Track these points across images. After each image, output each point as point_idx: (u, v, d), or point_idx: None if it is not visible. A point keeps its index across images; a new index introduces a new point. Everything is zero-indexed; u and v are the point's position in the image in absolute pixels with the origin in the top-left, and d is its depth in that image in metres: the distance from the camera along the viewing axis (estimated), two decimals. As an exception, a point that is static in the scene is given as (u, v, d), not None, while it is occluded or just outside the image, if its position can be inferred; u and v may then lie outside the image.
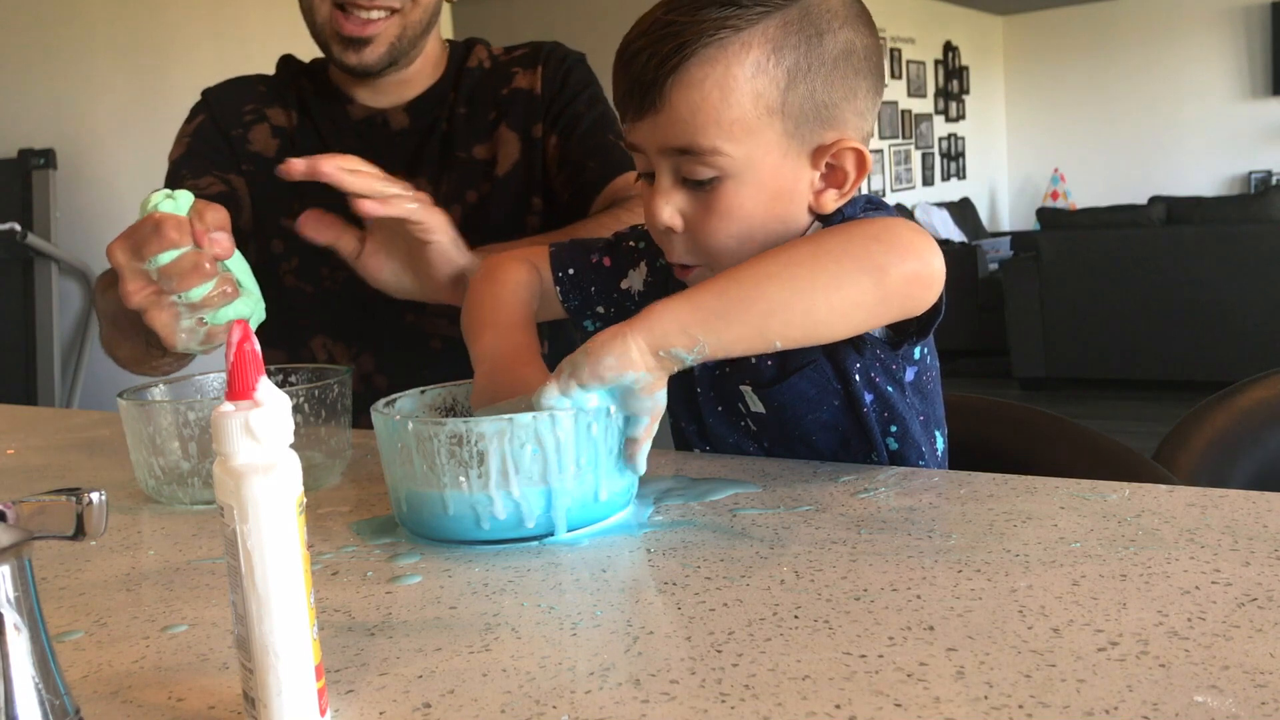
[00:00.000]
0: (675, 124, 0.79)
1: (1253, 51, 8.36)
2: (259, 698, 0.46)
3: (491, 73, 1.36)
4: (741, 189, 0.81)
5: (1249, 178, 8.39)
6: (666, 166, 0.82)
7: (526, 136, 1.32)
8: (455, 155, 1.31)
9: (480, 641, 0.55)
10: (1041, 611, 0.54)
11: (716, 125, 0.78)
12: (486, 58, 1.38)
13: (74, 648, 0.59)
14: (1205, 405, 1.12)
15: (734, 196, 0.81)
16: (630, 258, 0.98)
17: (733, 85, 0.78)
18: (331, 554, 0.72)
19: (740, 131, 0.79)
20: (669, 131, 0.80)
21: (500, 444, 0.68)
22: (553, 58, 1.36)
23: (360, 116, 1.33)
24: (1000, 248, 7.09)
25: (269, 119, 1.34)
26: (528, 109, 1.33)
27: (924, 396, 0.89)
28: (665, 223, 0.83)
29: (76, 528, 0.44)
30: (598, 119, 1.33)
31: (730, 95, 0.78)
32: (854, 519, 0.71)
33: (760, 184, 0.81)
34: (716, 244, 0.83)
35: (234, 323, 0.46)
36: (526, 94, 1.34)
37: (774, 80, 0.78)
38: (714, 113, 0.78)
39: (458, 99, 1.34)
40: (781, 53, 0.78)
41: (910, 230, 0.74)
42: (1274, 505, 0.67)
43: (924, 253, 0.73)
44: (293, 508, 0.46)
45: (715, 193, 0.81)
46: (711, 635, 0.54)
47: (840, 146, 0.82)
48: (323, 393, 0.90)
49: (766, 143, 0.80)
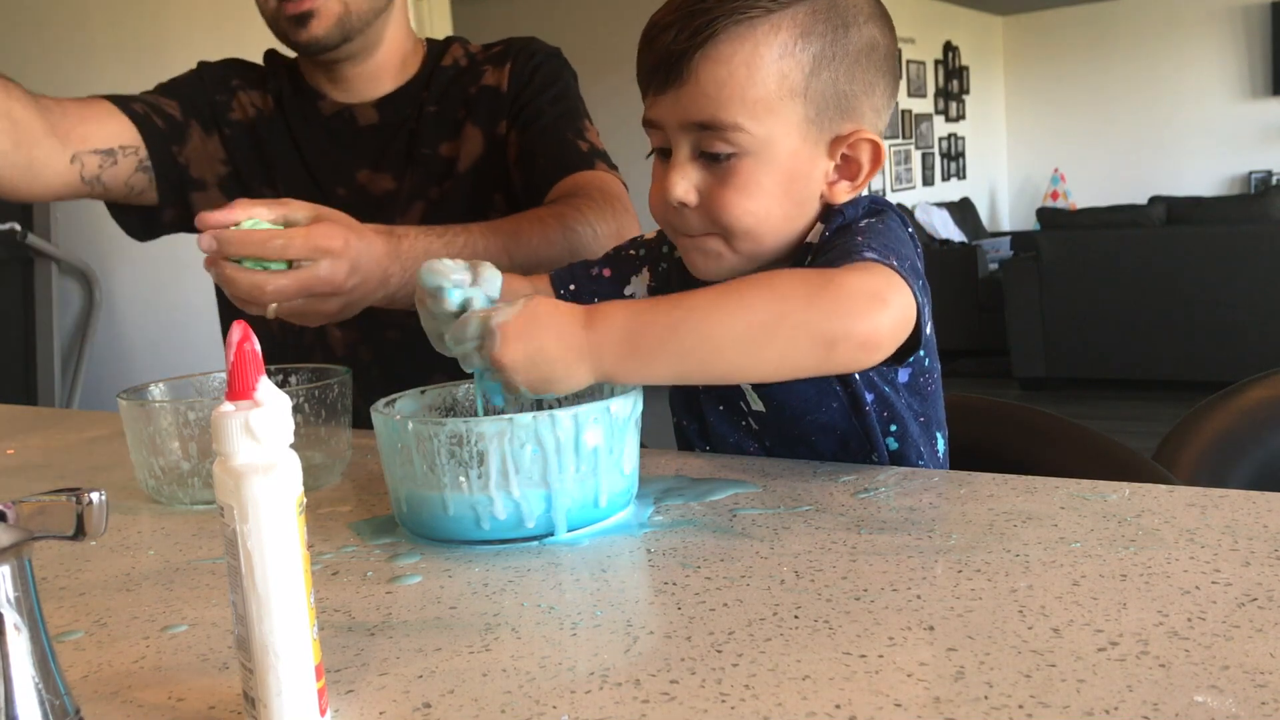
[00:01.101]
0: (700, 98, 0.80)
1: (1253, 51, 8.35)
2: (259, 698, 0.46)
3: (465, 71, 1.37)
4: (759, 167, 0.82)
5: (1249, 178, 8.39)
6: (685, 142, 0.83)
7: (490, 133, 1.32)
8: (420, 152, 1.31)
9: (480, 641, 0.55)
10: (1041, 611, 0.54)
11: (740, 102, 0.80)
12: (462, 55, 1.38)
13: (74, 648, 0.59)
14: (1205, 405, 1.12)
15: (751, 174, 0.82)
16: (631, 266, 0.98)
17: (759, 64, 0.79)
18: (331, 554, 0.72)
19: (763, 110, 0.80)
20: (693, 106, 0.81)
21: (500, 444, 0.68)
22: (522, 54, 1.36)
23: (330, 112, 1.34)
24: (1000, 248, 7.09)
25: (250, 97, 1.36)
26: (493, 106, 1.33)
27: (923, 398, 0.89)
28: (679, 198, 0.83)
29: (76, 528, 0.44)
30: (559, 116, 1.32)
31: (756, 74, 0.79)
32: (854, 519, 0.71)
33: (777, 165, 0.82)
34: (731, 219, 0.83)
35: (234, 323, 0.47)
36: (493, 91, 1.34)
37: (799, 64, 0.80)
38: (739, 89, 0.79)
39: (429, 97, 1.34)
40: (809, 39, 0.80)
41: (868, 292, 0.71)
42: (1274, 505, 0.67)
43: (877, 318, 0.70)
44: (293, 508, 0.46)
45: (733, 169, 0.82)
46: (711, 635, 0.54)
47: (857, 137, 0.83)
48: (323, 393, 0.90)
49: (787, 124, 0.81)
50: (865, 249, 0.75)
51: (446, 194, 1.30)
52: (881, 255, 0.74)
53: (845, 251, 0.76)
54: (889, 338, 0.71)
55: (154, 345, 3.51)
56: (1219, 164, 8.52)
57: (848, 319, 0.70)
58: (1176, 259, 5.07)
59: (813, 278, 0.72)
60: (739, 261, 0.86)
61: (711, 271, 0.86)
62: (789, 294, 0.71)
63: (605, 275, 0.98)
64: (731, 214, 0.83)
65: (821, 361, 0.71)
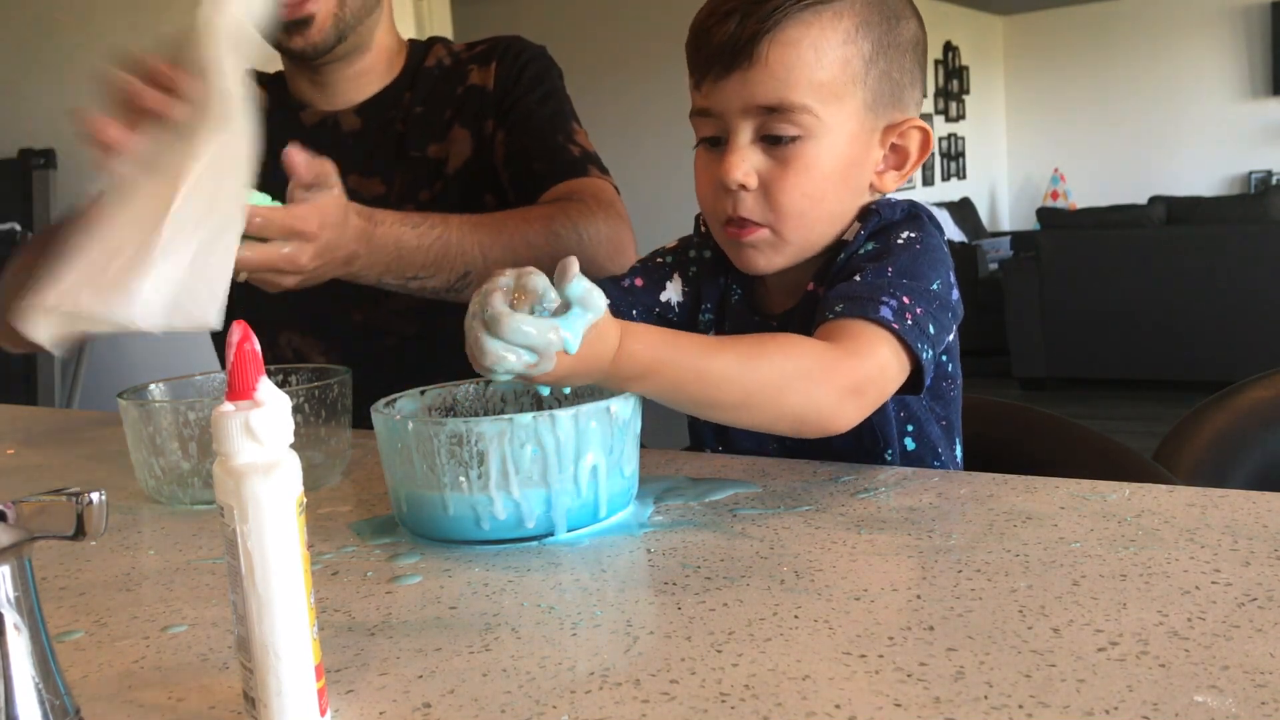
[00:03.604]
0: (769, 80, 0.82)
1: (1253, 51, 8.35)
2: (259, 698, 0.46)
3: (450, 70, 1.35)
4: (821, 151, 0.84)
5: (1249, 178, 8.38)
6: (747, 125, 0.84)
7: (478, 133, 1.31)
8: (409, 155, 1.31)
9: (480, 641, 0.55)
10: (1041, 611, 0.54)
11: (809, 84, 0.82)
12: (446, 55, 1.37)
13: (74, 648, 0.59)
14: (1205, 405, 1.12)
15: (812, 156, 0.84)
16: (663, 272, 0.99)
17: (826, 48, 0.82)
18: (331, 554, 0.72)
19: (828, 94, 0.83)
20: (760, 88, 0.82)
21: (500, 444, 0.68)
22: (509, 53, 1.35)
23: (312, 122, 1.33)
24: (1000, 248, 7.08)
25: None
26: (480, 105, 1.32)
27: (945, 402, 0.90)
28: (739, 180, 0.84)
29: (76, 528, 0.44)
30: (549, 117, 1.31)
31: (824, 57, 0.82)
32: (854, 519, 0.71)
33: (838, 150, 0.84)
34: (790, 201, 0.84)
35: (234, 323, 0.46)
36: (479, 90, 1.33)
37: (860, 51, 0.83)
38: (808, 71, 0.82)
39: (413, 98, 1.33)
40: (868, 27, 0.84)
41: (851, 385, 0.76)
42: (1274, 505, 0.67)
43: (845, 413, 0.76)
44: (293, 508, 0.46)
45: (796, 152, 0.84)
46: (711, 635, 0.54)
47: (909, 125, 0.87)
48: (323, 393, 0.90)
49: (849, 110, 0.84)
50: (885, 299, 0.78)
51: (437, 196, 1.30)
52: (896, 314, 0.77)
53: (870, 291, 0.79)
54: (851, 421, 0.77)
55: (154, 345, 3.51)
56: (1219, 164, 8.51)
57: (821, 410, 0.75)
58: (1176, 259, 5.06)
59: (813, 364, 0.75)
60: (788, 253, 0.87)
61: (759, 265, 0.88)
62: (786, 378, 0.75)
63: (638, 285, 0.98)
64: (790, 196, 0.84)
65: (793, 433, 0.79)
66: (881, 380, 0.78)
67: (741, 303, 0.95)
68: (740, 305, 0.95)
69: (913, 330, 0.78)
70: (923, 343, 0.78)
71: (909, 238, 0.84)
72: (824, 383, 0.75)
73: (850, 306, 0.78)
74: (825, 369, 0.75)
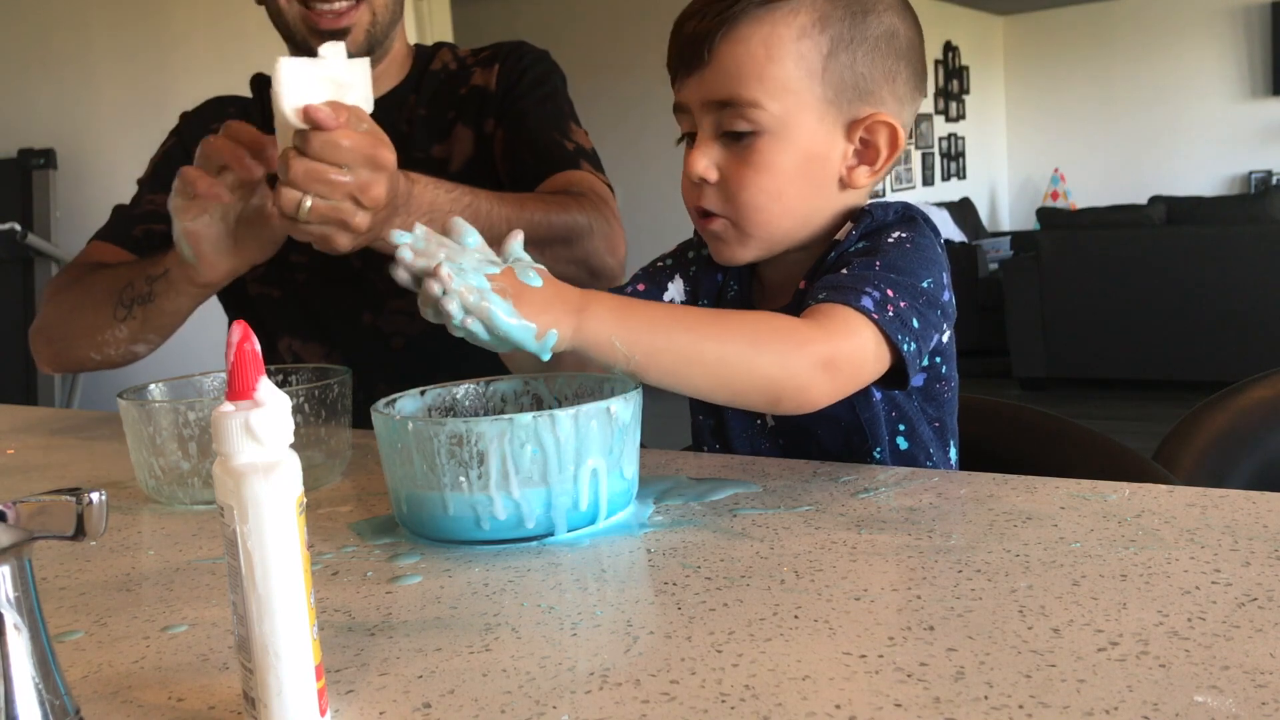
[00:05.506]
0: (720, 77, 0.84)
1: (1253, 51, 8.35)
2: (259, 698, 0.46)
3: (455, 74, 1.37)
4: (776, 145, 0.84)
5: (1249, 178, 8.38)
6: (708, 121, 0.86)
7: (479, 132, 1.33)
8: (413, 156, 1.31)
9: (480, 641, 0.55)
10: (1041, 611, 0.54)
11: (759, 80, 0.83)
12: (451, 59, 1.39)
13: (74, 648, 0.59)
14: (1205, 405, 1.11)
15: (768, 152, 0.84)
16: (664, 274, 1.00)
17: (777, 44, 0.83)
18: (331, 554, 0.72)
19: (780, 89, 0.83)
20: (714, 85, 0.84)
21: (500, 444, 0.68)
22: (511, 56, 1.37)
23: None
24: (1000, 248, 7.08)
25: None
26: (481, 105, 1.34)
27: (938, 404, 0.90)
28: (700, 173, 0.86)
29: (76, 528, 0.44)
30: (547, 116, 1.33)
31: (774, 53, 0.83)
32: (854, 519, 0.71)
33: (795, 144, 0.85)
34: (747, 196, 0.86)
35: (234, 323, 0.47)
36: (481, 91, 1.34)
37: (817, 46, 0.83)
38: (758, 68, 0.83)
39: (418, 101, 1.34)
40: (827, 23, 0.84)
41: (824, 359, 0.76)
42: (1274, 505, 0.67)
43: (820, 387, 0.76)
44: (293, 508, 0.46)
45: (751, 147, 0.85)
46: (711, 635, 0.54)
47: (874, 120, 0.86)
48: (323, 393, 0.90)
49: (804, 104, 0.84)
50: (868, 289, 0.78)
51: None
52: (878, 305, 0.78)
53: (854, 281, 0.79)
54: (824, 398, 0.77)
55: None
56: (1219, 164, 8.51)
57: (796, 377, 0.76)
58: (1176, 259, 5.06)
59: (789, 334, 0.76)
60: (754, 245, 0.88)
61: (726, 256, 0.90)
62: (760, 340, 0.76)
63: (640, 290, 0.99)
64: (747, 191, 0.85)
65: (769, 408, 0.80)
66: (856, 361, 0.78)
67: (737, 298, 0.95)
68: (736, 301, 0.95)
69: (893, 322, 0.78)
70: (904, 335, 0.78)
71: (900, 237, 0.84)
72: (797, 351, 0.76)
73: (832, 294, 0.79)
74: (800, 339, 0.76)
